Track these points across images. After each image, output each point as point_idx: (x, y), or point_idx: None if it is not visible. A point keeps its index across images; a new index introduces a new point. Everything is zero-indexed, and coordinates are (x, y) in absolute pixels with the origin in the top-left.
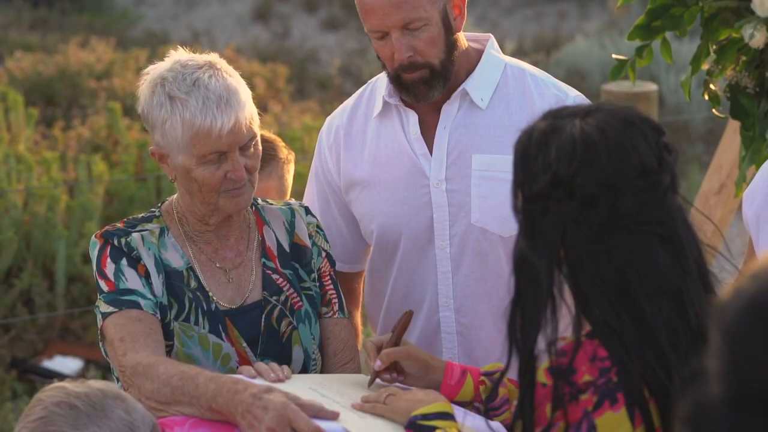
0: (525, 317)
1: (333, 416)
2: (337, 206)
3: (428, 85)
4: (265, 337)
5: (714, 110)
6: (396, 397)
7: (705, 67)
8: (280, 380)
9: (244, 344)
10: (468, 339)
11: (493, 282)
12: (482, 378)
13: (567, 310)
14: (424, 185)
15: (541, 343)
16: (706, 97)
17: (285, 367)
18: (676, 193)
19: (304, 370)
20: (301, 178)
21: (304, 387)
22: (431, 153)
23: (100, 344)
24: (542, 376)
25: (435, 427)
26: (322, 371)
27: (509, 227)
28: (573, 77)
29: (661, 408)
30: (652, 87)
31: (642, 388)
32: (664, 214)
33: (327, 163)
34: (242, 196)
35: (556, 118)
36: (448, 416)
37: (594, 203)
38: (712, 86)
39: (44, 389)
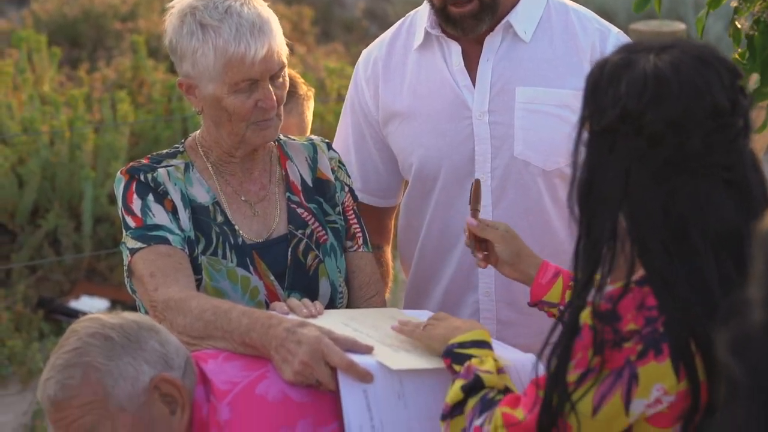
0: (585, 254)
1: (367, 350)
2: (372, 139)
3: (477, 18)
4: (292, 270)
5: (736, 54)
6: (434, 325)
7: (733, 4)
8: (313, 316)
9: (272, 277)
10: None
11: (534, 216)
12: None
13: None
14: (466, 117)
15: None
16: (730, 36)
17: (317, 303)
18: (748, 138)
19: (331, 302)
20: (321, 120)
21: (337, 322)
22: (474, 85)
23: (127, 282)
24: (587, 318)
25: (471, 355)
26: (348, 305)
27: (552, 161)
28: (600, 16)
29: (707, 364)
30: (680, 26)
31: (689, 341)
32: (733, 159)
33: (364, 96)
34: (269, 129)
35: (630, 52)
36: (484, 344)
37: (661, 142)
38: (737, 24)
39: (79, 320)
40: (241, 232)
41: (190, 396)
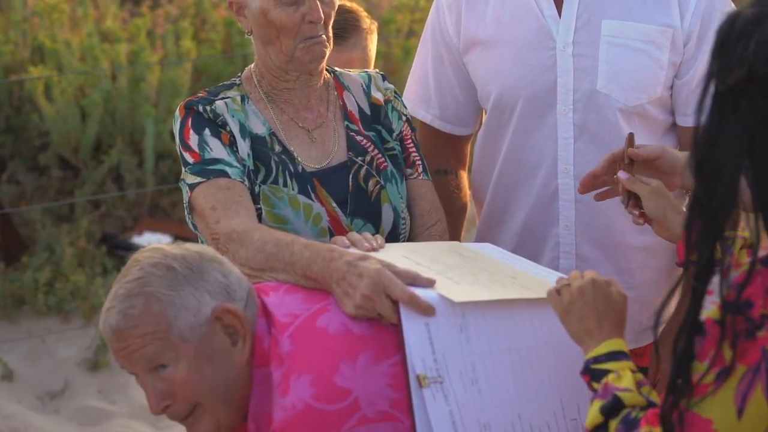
0: (705, 221)
1: (429, 283)
2: (452, 66)
3: None
4: (354, 196)
5: None
6: (578, 302)
7: None
8: (374, 249)
9: (334, 204)
10: (587, 206)
11: (614, 146)
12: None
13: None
14: (550, 48)
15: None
16: None
17: (378, 236)
18: None
19: (394, 228)
20: (384, 57)
21: (398, 255)
22: (559, 15)
23: (188, 217)
24: (713, 313)
25: (608, 371)
26: (409, 233)
27: (634, 96)
28: None
29: None
30: None
31: None
32: None
33: (445, 22)
34: (318, 46)
35: (765, 5)
36: (620, 356)
37: None
38: None
39: (142, 250)
40: (300, 159)
41: (252, 328)
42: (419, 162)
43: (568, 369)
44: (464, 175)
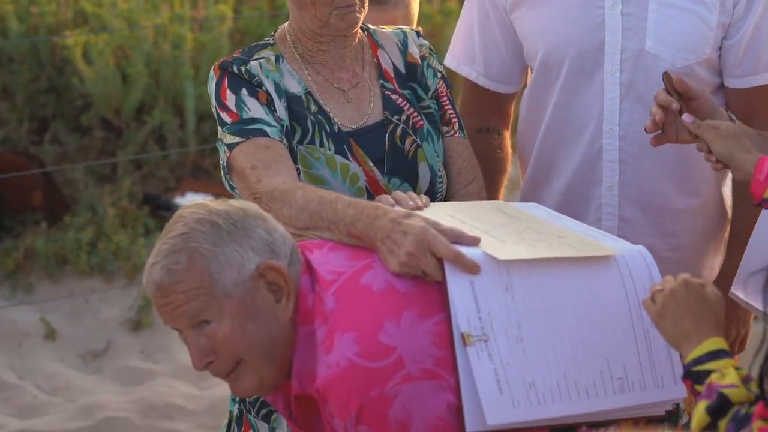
0: None
1: (474, 242)
2: (498, 24)
3: None
4: (391, 155)
5: None
6: (671, 305)
7: None
8: (419, 208)
9: (371, 164)
10: (631, 167)
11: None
12: None
13: None
14: (599, 6)
15: None
16: None
17: (423, 195)
18: None
19: (431, 187)
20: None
21: (443, 214)
22: None
23: (225, 178)
24: None
25: (710, 371)
26: (446, 192)
27: (682, 57)
28: None
29: None
30: None
31: None
32: None
33: None
34: (352, 14)
35: None
36: (722, 354)
37: None
38: None
39: (186, 206)
40: (336, 119)
41: (296, 285)
42: (455, 119)
43: (614, 328)
44: (507, 135)
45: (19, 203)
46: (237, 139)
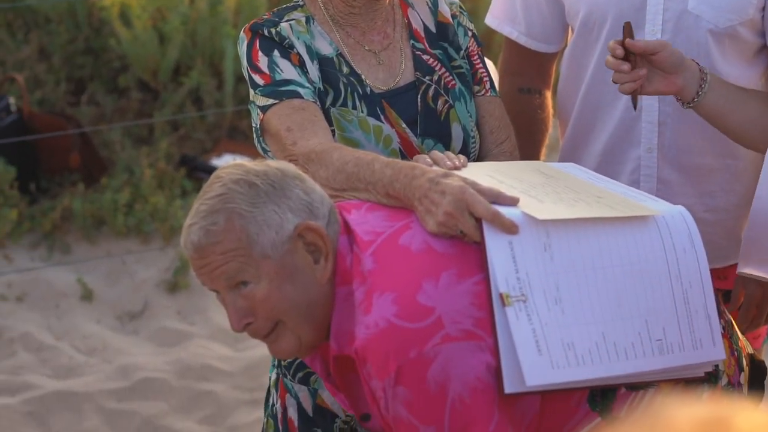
0: None
1: (513, 202)
2: None
3: None
4: (423, 116)
5: None
6: None
7: None
8: (457, 168)
9: (404, 125)
10: (670, 128)
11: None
12: None
13: None
14: None
15: None
16: None
17: (461, 155)
18: None
19: (464, 147)
20: None
21: (481, 174)
22: None
23: (258, 141)
24: None
25: None
26: (479, 151)
27: (725, 18)
28: None
29: None
30: None
31: None
32: None
33: None
34: None
35: None
36: None
37: None
38: None
39: (224, 167)
40: (367, 81)
41: (334, 245)
42: (487, 78)
43: (653, 289)
44: (548, 95)
45: (57, 164)
46: (270, 101)
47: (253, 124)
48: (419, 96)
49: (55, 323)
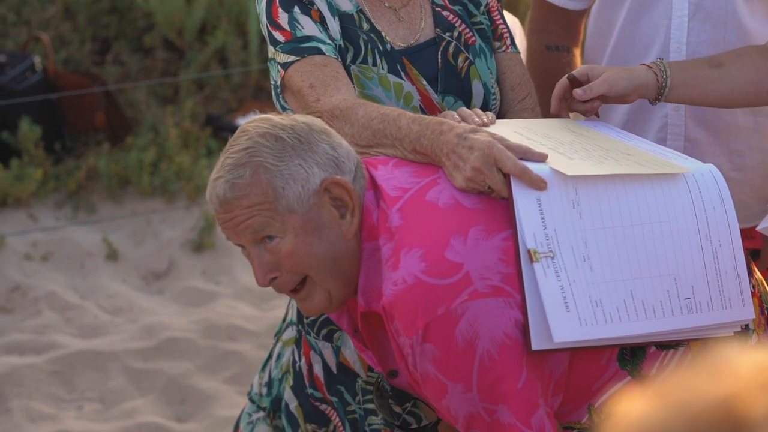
0: None
1: (541, 158)
2: None
3: None
4: (444, 73)
5: None
6: None
7: None
8: (485, 124)
9: (424, 82)
10: None
11: (731, 31)
12: None
13: None
14: None
15: None
16: None
17: (489, 112)
18: None
19: (485, 104)
20: None
21: (510, 130)
22: None
23: (277, 98)
24: None
25: None
26: (500, 108)
27: None
28: None
29: None
30: None
31: None
32: None
33: None
34: None
35: None
36: None
37: None
38: None
39: (250, 120)
40: (388, 38)
41: (360, 200)
42: (507, 34)
43: (682, 248)
44: (577, 53)
45: (82, 124)
46: (292, 58)
47: (272, 82)
48: (439, 53)
49: (80, 283)
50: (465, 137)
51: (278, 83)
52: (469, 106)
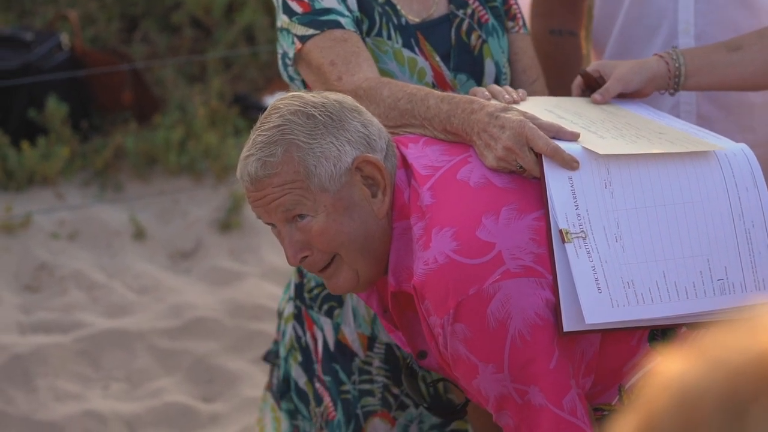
0: None
1: (573, 137)
2: None
3: None
4: (457, 50)
5: None
6: None
7: None
8: (515, 102)
9: (438, 58)
10: None
11: (737, 9)
12: None
13: None
14: None
15: None
16: None
17: (520, 89)
18: None
19: (496, 84)
20: None
21: (541, 108)
22: None
23: (284, 68)
24: None
25: None
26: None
27: None
28: None
29: None
30: None
31: None
32: None
33: None
34: None
35: None
36: None
37: None
38: None
39: (281, 97)
40: (402, 11)
41: (392, 179)
42: (519, 15)
43: (715, 228)
44: (582, 36)
45: (109, 102)
46: (311, 32)
47: (280, 51)
48: (453, 29)
49: (107, 262)
50: (496, 116)
51: (291, 55)
52: (480, 85)
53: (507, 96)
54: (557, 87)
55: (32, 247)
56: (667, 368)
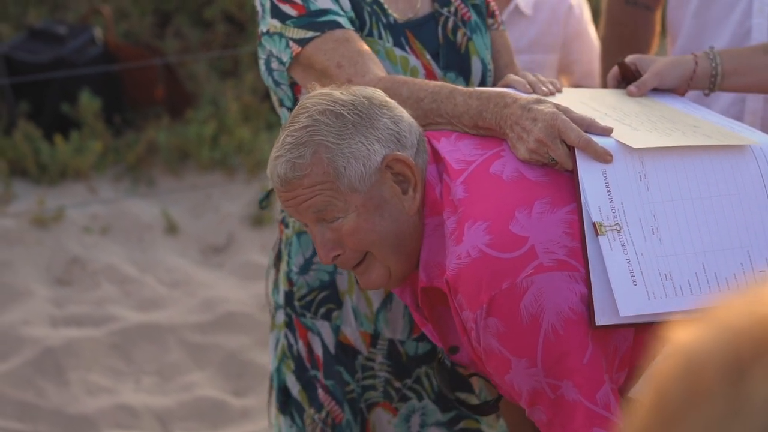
0: None
1: (606, 131)
2: None
3: None
4: (445, 49)
5: None
6: None
7: None
8: (552, 93)
9: (428, 56)
10: None
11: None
12: None
13: None
14: None
15: None
16: None
17: (555, 80)
18: None
19: (482, 82)
20: None
21: (575, 101)
22: None
23: (270, 74)
24: None
25: None
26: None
27: None
28: None
29: None
30: None
31: None
32: None
33: None
34: None
35: None
36: None
37: None
38: None
39: (309, 96)
40: (389, 10)
41: (423, 175)
42: (497, 12)
43: (755, 220)
44: (657, 14)
45: (141, 97)
46: (310, 34)
47: (263, 56)
48: (439, 27)
49: (139, 256)
50: (529, 108)
51: (285, 59)
52: (468, 84)
53: (544, 87)
54: (618, 56)
55: (65, 241)
56: (676, 335)
